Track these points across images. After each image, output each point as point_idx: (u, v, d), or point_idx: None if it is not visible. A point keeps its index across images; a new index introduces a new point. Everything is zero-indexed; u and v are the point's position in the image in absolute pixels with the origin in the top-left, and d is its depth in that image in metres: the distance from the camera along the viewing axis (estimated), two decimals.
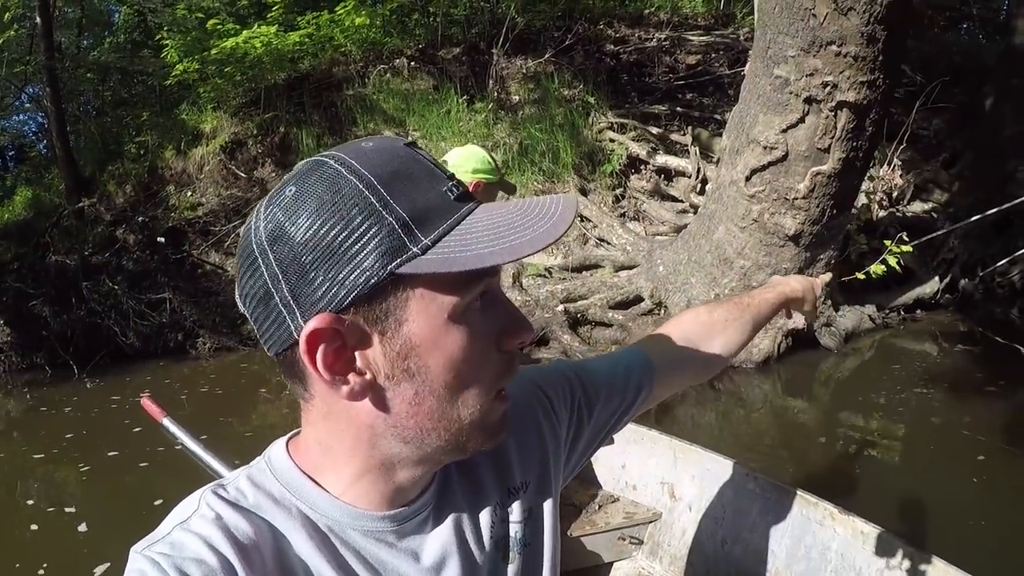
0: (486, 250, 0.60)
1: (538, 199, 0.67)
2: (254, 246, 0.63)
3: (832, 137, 4.86)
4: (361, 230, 0.60)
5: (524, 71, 9.37)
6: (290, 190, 0.63)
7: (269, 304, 0.63)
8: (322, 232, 0.60)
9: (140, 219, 9.87)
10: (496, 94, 9.10)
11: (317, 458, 0.70)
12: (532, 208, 0.65)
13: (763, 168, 5.18)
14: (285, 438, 0.74)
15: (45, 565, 3.78)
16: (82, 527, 4.18)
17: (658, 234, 7.32)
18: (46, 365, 9.31)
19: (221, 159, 9.48)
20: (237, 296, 0.67)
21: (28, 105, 14.41)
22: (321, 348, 0.61)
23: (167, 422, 2.27)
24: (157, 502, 3.94)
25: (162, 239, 9.19)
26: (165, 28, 10.02)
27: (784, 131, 4.99)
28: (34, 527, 4.32)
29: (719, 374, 5.67)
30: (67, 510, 4.45)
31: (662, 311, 6.21)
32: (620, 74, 9.41)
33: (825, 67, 4.64)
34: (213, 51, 9.13)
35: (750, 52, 5.49)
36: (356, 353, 0.63)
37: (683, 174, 7.67)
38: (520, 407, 0.86)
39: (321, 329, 0.61)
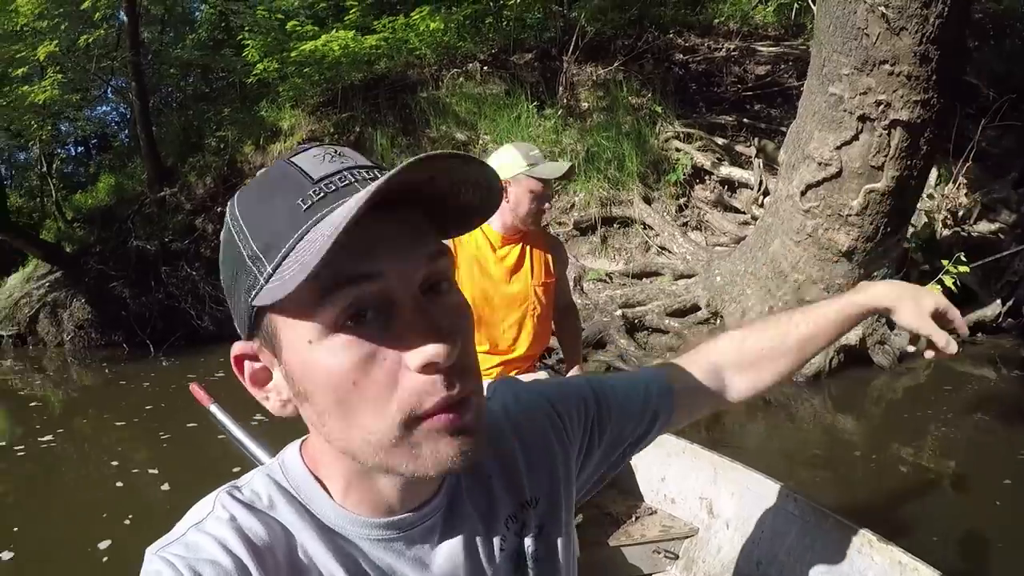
0: (301, 265, 0.56)
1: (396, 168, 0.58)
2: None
3: (886, 155, 5.00)
4: (234, 269, 0.64)
5: (594, 78, 9.60)
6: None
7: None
8: (224, 276, 0.67)
9: (219, 210, 10.42)
10: (565, 101, 9.32)
11: (317, 463, 0.72)
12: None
13: (818, 184, 5.34)
14: (299, 441, 0.76)
15: (131, 516, 4.14)
16: (165, 486, 4.57)
17: (719, 245, 7.56)
18: (124, 343, 10.20)
19: None
20: None
21: (112, 96, 15.16)
22: (245, 365, 0.68)
23: (214, 408, 2.39)
24: (235, 469, 4.07)
25: None
26: (246, 28, 10.53)
27: (838, 148, 5.14)
28: (119, 484, 4.69)
29: None
30: (150, 471, 4.86)
31: (718, 320, 6.45)
32: (688, 83, 9.59)
33: (878, 86, 4.79)
34: (292, 53, 9.64)
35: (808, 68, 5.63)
36: (273, 371, 0.67)
37: (746, 186, 7.85)
38: (530, 422, 0.89)
39: (239, 352, 0.68)
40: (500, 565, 0.79)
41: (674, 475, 2.78)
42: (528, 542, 0.83)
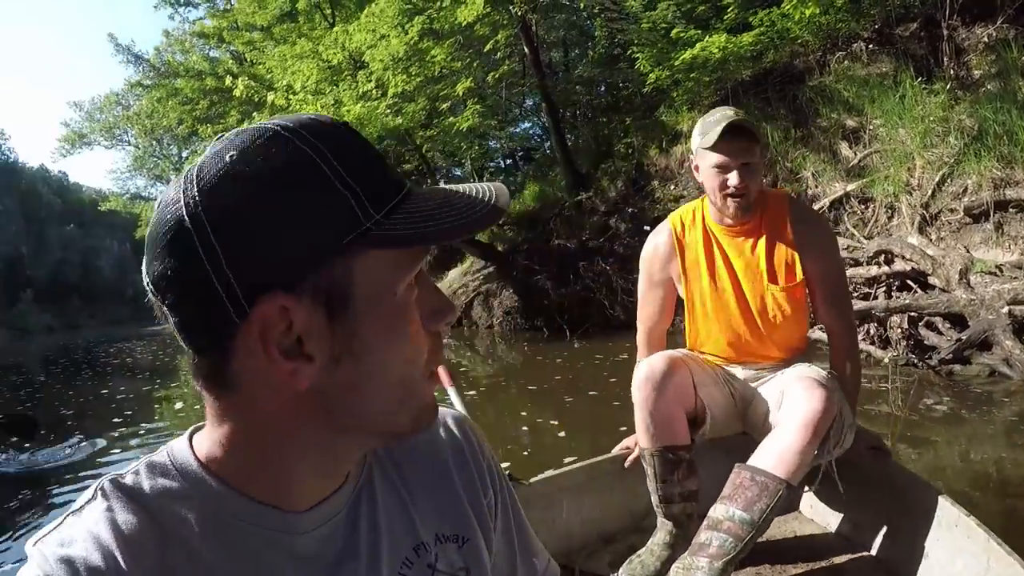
0: (440, 227, 0.64)
1: (469, 185, 0.71)
2: (186, 219, 0.61)
3: None
4: (314, 202, 0.61)
5: (986, 40, 9.04)
6: (230, 155, 0.62)
7: (198, 286, 0.61)
8: (272, 203, 0.61)
9: (630, 210, 12.57)
10: (952, 71, 9.00)
11: (224, 454, 0.70)
12: (468, 189, 0.70)
13: None
14: (189, 430, 0.75)
15: (529, 450, 5.35)
16: (561, 433, 5.69)
17: None
18: (544, 327, 12.89)
19: None
20: (147, 283, 0.65)
21: (530, 113, 18.24)
22: (271, 330, 0.62)
23: (451, 391, 2.66)
24: (622, 428, 4.17)
25: (648, 227, 11.15)
26: (634, 43, 11.97)
27: None
28: (524, 428, 6.10)
29: None
30: (552, 422, 6.08)
31: None
32: None
33: None
34: (675, 61, 10.88)
35: None
36: (301, 335, 0.63)
37: None
38: (475, 462, 0.91)
39: (272, 309, 0.61)
40: None
41: (940, 554, 2.19)
42: None
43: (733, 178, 2.31)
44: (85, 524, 0.65)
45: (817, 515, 2.67)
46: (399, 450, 0.85)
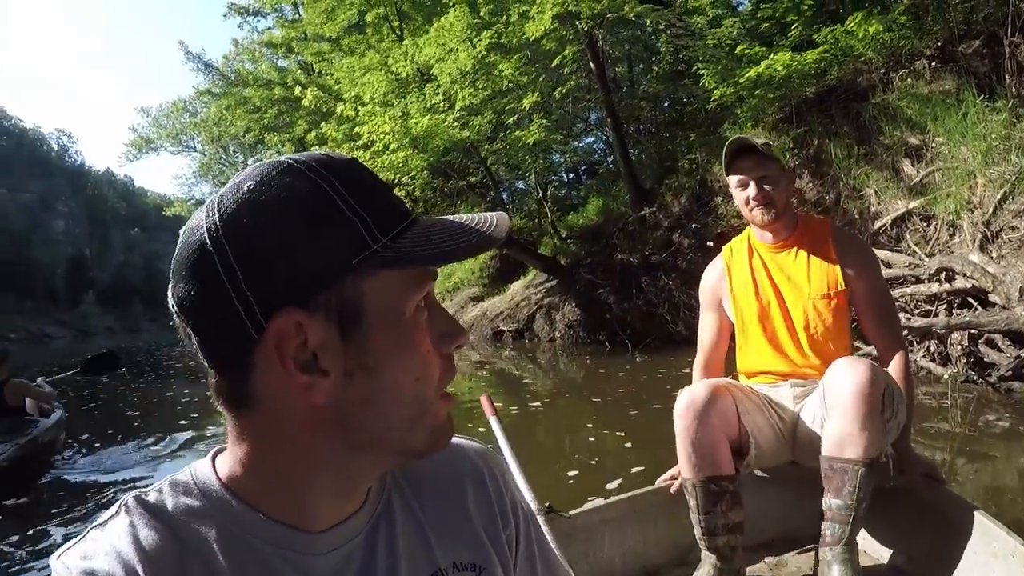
0: (439, 249, 0.69)
1: (475, 214, 0.76)
2: (208, 243, 0.66)
3: None
4: (325, 226, 0.67)
5: None
6: (248, 185, 0.68)
7: (219, 305, 0.66)
8: (286, 226, 0.66)
9: (693, 226, 12.79)
10: (1015, 88, 8.89)
11: (243, 474, 0.73)
12: (472, 218, 0.75)
13: None
14: (213, 451, 0.79)
15: (596, 460, 5.54)
16: (628, 444, 5.89)
17: None
18: (606, 341, 13.16)
19: None
20: (172, 305, 0.70)
21: (594, 128, 18.60)
22: (287, 344, 0.66)
23: (492, 420, 2.71)
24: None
25: (711, 243, 11.24)
26: (699, 59, 12.28)
27: None
28: (591, 439, 6.27)
29: None
30: (617, 433, 6.25)
31: None
32: None
33: None
34: (741, 79, 11.15)
35: None
36: (316, 351, 0.68)
37: None
38: (498, 497, 0.93)
39: (288, 324, 0.66)
40: None
41: None
42: None
43: (752, 190, 2.50)
44: (108, 538, 0.68)
45: (869, 546, 2.58)
46: (419, 478, 0.88)
